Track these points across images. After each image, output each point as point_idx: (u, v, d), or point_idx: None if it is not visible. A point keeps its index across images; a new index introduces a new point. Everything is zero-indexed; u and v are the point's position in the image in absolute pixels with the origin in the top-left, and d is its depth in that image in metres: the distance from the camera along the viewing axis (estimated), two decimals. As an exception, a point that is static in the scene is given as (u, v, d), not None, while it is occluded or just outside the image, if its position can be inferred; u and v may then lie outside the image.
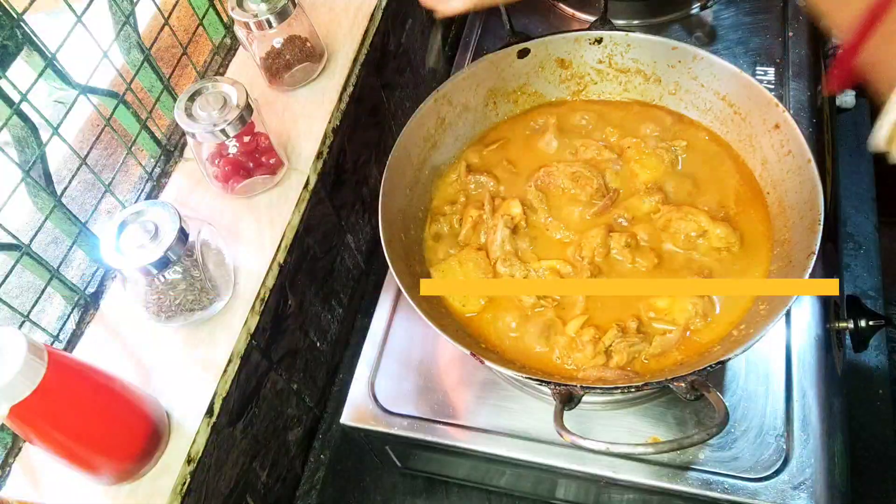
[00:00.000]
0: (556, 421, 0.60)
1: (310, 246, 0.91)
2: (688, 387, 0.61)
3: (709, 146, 0.83)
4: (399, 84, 1.12)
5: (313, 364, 0.96)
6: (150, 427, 0.64)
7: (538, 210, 0.80)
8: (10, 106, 0.64)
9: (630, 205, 0.79)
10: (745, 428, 0.70)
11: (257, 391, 0.81)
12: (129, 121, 0.80)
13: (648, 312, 0.72)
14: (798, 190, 0.71)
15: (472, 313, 0.75)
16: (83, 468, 0.61)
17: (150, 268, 0.64)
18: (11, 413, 0.52)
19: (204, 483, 0.72)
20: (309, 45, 0.87)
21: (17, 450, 0.67)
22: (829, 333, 0.75)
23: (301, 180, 0.82)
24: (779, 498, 0.65)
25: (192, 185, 0.83)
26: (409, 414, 0.76)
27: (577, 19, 1.08)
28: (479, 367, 0.77)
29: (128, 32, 0.78)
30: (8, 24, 0.63)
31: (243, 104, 0.73)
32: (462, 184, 0.85)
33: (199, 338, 0.72)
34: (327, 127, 0.86)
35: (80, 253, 0.78)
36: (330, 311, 0.99)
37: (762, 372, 0.73)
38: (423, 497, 0.89)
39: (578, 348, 0.70)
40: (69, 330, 0.73)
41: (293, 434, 0.92)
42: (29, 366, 0.51)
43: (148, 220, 0.65)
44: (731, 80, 0.79)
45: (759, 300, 0.70)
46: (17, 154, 0.67)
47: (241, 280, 0.75)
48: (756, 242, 0.75)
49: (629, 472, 0.69)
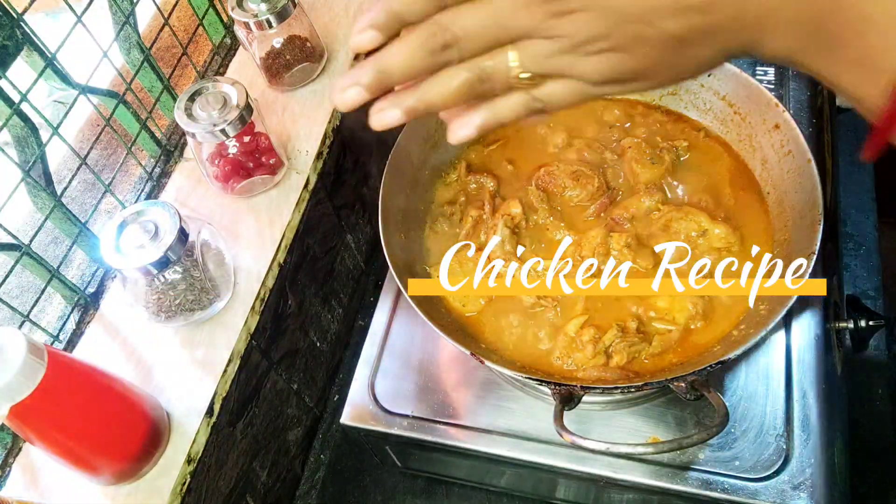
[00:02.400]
0: (556, 421, 0.60)
1: (310, 246, 0.91)
2: (688, 387, 0.61)
3: (709, 146, 0.83)
4: (399, 84, 1.12)
5: (313, 364, 0.96)
6: (150, 427, 0.64)
7: (538, 210, 0.80)
8: (10, 106, 0.64)
9: (630, 204, 0.79)
10: (745, 428, 0.70)
11: (257, 391, 0.81)
12: (129, 121, 0.80)
13: (648, 312, 0.72)
14: (798, 190, 0.71)
15: (472, 313, 0.75)
16: (83, 468, 0.60)
17: (150, 268, 0.64)
18: (11, 413, 0.52)
19: (204, 483, 0.72)
20: (309, 45, 0.87)
21: (17, 450, 0.67)
22: (829, 333, 0.75)
23: (301, 180, 0.82)
24: (779, 498, 0.65)
25: (192, 185, 0.83)
26: (409, 414, 0.76)
27: (577, 19, 1.08)
28: (479, 367, 0.77)
29: (128, 32, 0.78)
30: (8, 24, 0.63)
31: (243, 104, 0.73)
32: (462, 184, 0.85)
33: (199, 338, 0.72)
34: (327, 127, 0.86)
35: (80, 253, 0.78)
36: (330, 311, 0.99)
37: (762, 372, 0.73)
38: (423, 497, 0.89)
39: (578, 348, 0.70)
40: (69, 330, 0.73)
41: (293, 434, 0.92)
42: (29, 366, 0.51)
43: (148, 220, 0.65)
44: (731, 80, 0.79)
45: (759, 300, 0.70)
46: (17, 154, 0.67)
47: (241, 280, 0.75)
48: (756, 242, 0.75)
49: (629, 472, 0.69)
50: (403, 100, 0.41)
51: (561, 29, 0.37)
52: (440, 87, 0.40)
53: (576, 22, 0.36)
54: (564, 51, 0.37)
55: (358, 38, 0.40)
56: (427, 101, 0.41)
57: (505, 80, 0.39)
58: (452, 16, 0.38)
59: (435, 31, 0.38)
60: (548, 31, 0.37)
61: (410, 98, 0.41)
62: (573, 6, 0.36)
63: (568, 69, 0.38)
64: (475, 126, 0.42)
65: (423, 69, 0.40)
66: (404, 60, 0.39)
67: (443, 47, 0.39)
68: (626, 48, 0.37)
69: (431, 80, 0.40)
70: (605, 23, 0.36)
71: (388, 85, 0.41)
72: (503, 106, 0.41)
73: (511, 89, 0.40)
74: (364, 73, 0.40)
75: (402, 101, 0.41)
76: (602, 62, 0.38)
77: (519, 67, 0.39)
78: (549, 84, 0.40)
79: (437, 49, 0.39)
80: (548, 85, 0.40)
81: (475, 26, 0.38)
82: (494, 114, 0.41)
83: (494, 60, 0.39)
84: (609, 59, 0.38)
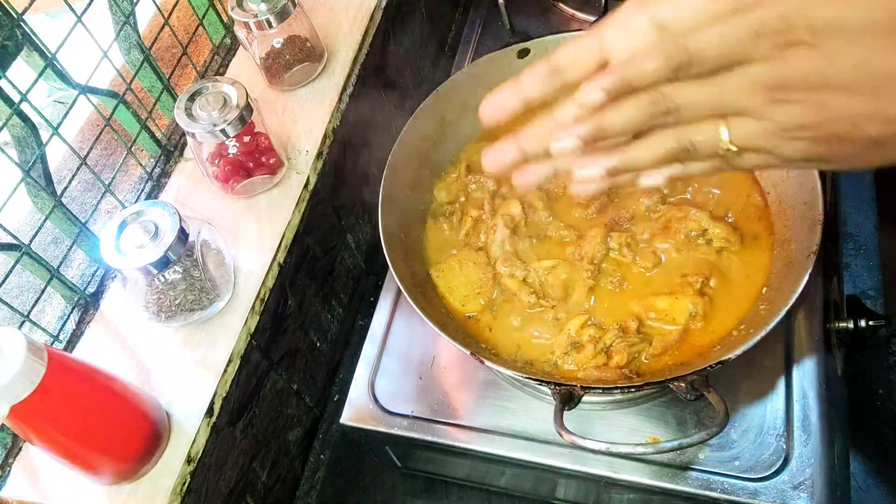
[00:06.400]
0: (556, 421, 0.60)
1: (310, 246, 0.91)
2: (688, 387, 0.61)
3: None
4: (399, 84, 1.12)
5: (313, 364, 0.96)
6: (150, 427, 0.64)
7: (538, 210, 0.80)
8: (10, 106, 0.64)
9: (630, 204, 0.79)
10: (745, 428, 0.70)
11: (257, 391, 0.81)
12: (129, 121, 0.80)
13: (648, 312, 0.72)
14: (798, 190, 0.71)
15: (472, 313, 0.75)
16: (83, 468, 0.61)
17: (150, 268, 0.64)
18: (11, 413, 0.52)
19: (204, 483, 0.72)
20: (309, 45, 0.87)
21: (17, 450, 0.67)
22: (829, 333, 0.75)
23: (301, 180, 0.82)
24: (779, 498, 0.65)
25: (192, 185, 0.83)
26: (409, 414, 0.76)
27: (577, 19, 1.08)
28: (479, 367, 0.77)
29: (128, 32, 0.78)
30: (8, 24, 0.63)
31: (243, 104, 0.73)
32: (462, 184, 0.85)
33: (199, 338, 0.72)
34: (327, 127, 0.86)
35: (80, 253, 0.78)
36: (330, 311, 0.99)
37: (762, 372, 0.73)
38: (423, 497, 0.89)
39: (578, 348, 0.70)
40: (69, 330, 0.73)
41: (293, 434, 0.92)
42: (29, 366, 0.51)
43: (148, 220, 0.65)
44: (731, 80, 0.78)
45: (758, 300, 0.70)
46: (17, 154, 0.67)
47: (241, 280, 0.75)
48: (756, 242, 0.75)
49: (629, 472, 0.69)
50: (609, 160, 0.43)
51: (776, 115, 0.39)
52: (648, 153, 0.42)
53: (791, 112, 0.38)
54: (773, 133, 0.40)
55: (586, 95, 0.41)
56: (633, 163, 0.43)
57: (710, 150, 0.42)
58: (677, 88, 0.40)
59: (659, 100, 0.40)
60: (763, 115, 0.39)
61: (614, 159, 0.43)
62: (794, 98, 0.38)
63: (771, 148, 0.41)
64: (666, 177, 0.44)
65: (637, 130, 0.42)
66: (626, 120, 0.41)
67: (663, 115, 0.40)
68: (829, 141, 0.39)
69: (640, 144, 0.42)
70: (817, 118, 0.38)
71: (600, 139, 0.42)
72: (696, 167, 0.44)
73: (711, 156, 0.42)
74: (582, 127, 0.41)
75: (607, 161, 0.43)
76: (802, 147, 0.40)
77: (728, 143, 0.41)
78: (746, 155, 0.42)
79: (657, 115, 0.40)
80: (746, 156, 0.42)
81: (697, 102, 0.40)
82: (685, 170, 0.44)
83: (704, 134, 0.41)
84: (809, 145, 0.40)
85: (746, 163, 0.42)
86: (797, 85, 0.37)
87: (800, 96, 0.38)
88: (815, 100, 0.38)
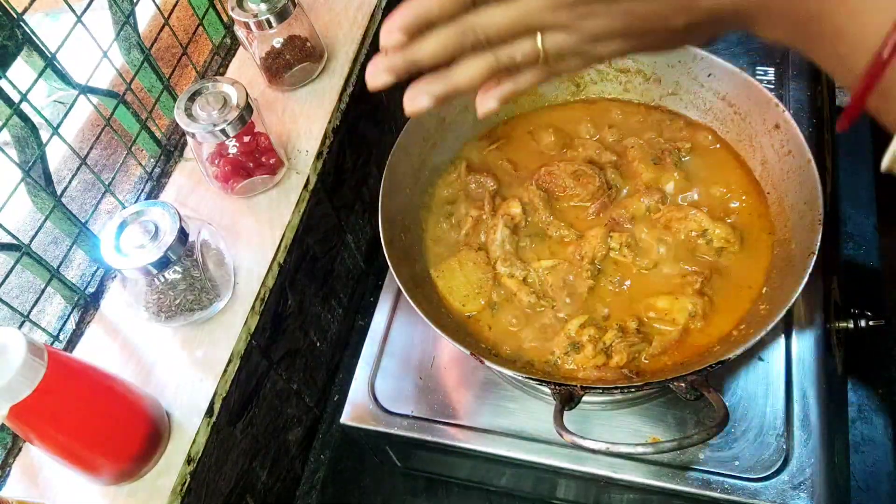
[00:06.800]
0: (555, 421, 0.60)
1: (310, 246, 0.91)
2: (688, 387, 0.61)
3: (709, 146, 0.83)
4: (399, 83, 1.12)
5: (313, 364, 0.96)
6: (150, 427, 0.64)
7: (538, 209, 0.80)
8: (10, 106, 0.64)
9: (630, 204, 0.79)
10: (745, 428, 0.70)
11: (257, 391, 0.81)
12: (129, 121, 0.80)
13: (648, 312, 0.72)
14: (798, 190, 0.71)
15: (471, 313, 0.75)
16: (83, 468, 0.60)
17: (150, 268, 0.64)
18: (11, 413, 0.52)
19: (204, 483, 0.72)
20: (309, 45, 0.87)
21: (17, 450, 0.67)
22: (829, 333, 0.75)
23: (301, 180, 0.82)
24: (779, 498, 0.65)
25: (192, 185, 0.83)
26: (409, 414, 0.76)
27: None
28: (479, 367, 0.77)
29: (128, 32, 0.78)
30: (8, 24, 0.63)
31: (243, 104, 0.73)
32: (462, 184, 0.85)
33: (199, 338, 0.72)
34: (327, 127, 0.86)
35: (80, 253, 0.78)
36: (330, 311, 0.99)
37: (762, 372, 0.73)
38: (423, 497, 0.89)
39: (578, 348, 0.70)
40: (69, 330, 0.73)
41: (293, 434, 0.92)
42: (29, 366, 0.51)
43: (148, 220, 0.65)
44: (731, 79, 0.79)
45: (759, 300, 0.70)
46: (17, 154, 0.67)
47: (241, 280, 0.75)
48: (756, 242, 0.75)
49: (629, 472, 0.69)
50: (432, 87, 0.46)
51: (584, 27, 0.42)
52: (466, 74, 0.45)
53: (598, 23, 0.42)
54: (585, 41, 0.43)
55: (386, 39, 0.44)
56: (454, 85, 0.46)
57: (531, 61, 0.45)
58: (481, 15, 0.43)
59: (467, 31, 0.43)
60: (572, 28, 0.42)
61: (439, 84, 0.46)
62: (598, 11, 0.41)
63: (587, 51, 0.44)
64: (497, 98, 0.47)
65: (450, 58, 0.45)
66: (434, 51, 0.44)
67: (474, 42, 0.43)
68: (642, 36, 0.43)
69: (457, 67, 0.45)
70: (624, 24, 0.42)
71: (415, 71, 0.45)
72: (523, 80, 0.47)
73: (531, 66, 0.45)
74: (394, 60, 0.45)
75: (431, 88, 0.46)
76: (616, 46, 0.44)
77: (543, 53, 0.44)
78: (566, 60, 0.45)
79: (466, 45, 0.44)
80: (566, 61, 0.45)
81: (505, 24, 0.43)
82: (515, 87, 0.47)
83: (520, 48, 0.44)
84: (622, 43, 0.44)
85: (568, 66, 0.46)
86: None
87: (602, 9, 0.41)
88: (618, 10, 0.41)
